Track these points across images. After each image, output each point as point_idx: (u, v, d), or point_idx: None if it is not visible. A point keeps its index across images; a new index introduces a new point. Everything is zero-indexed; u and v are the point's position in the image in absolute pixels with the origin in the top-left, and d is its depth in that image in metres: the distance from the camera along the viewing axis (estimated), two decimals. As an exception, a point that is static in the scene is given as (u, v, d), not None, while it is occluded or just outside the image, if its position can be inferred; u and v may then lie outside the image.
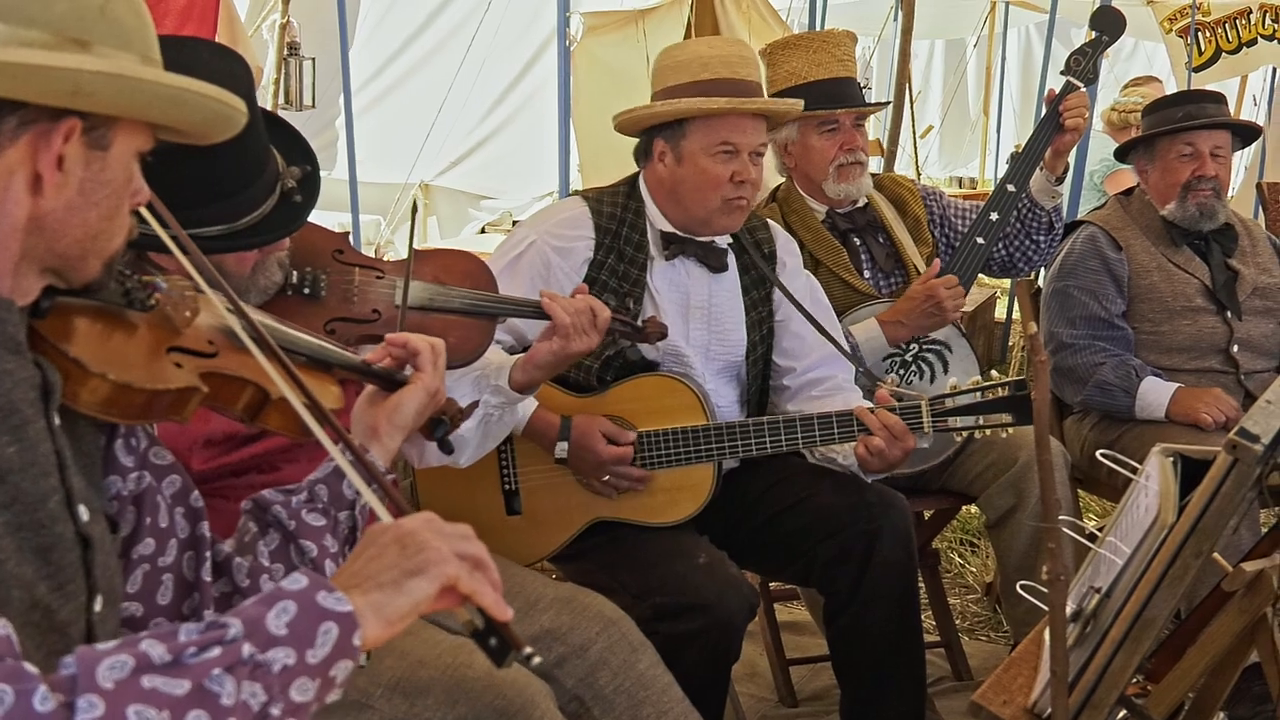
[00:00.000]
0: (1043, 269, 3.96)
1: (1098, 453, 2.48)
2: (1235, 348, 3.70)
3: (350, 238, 2.75)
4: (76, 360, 1.37)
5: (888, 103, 5.80)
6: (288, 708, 1.21)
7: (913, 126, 11.26)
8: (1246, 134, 4.07)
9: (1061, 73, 3.61)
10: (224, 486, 2.21)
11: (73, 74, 1.27)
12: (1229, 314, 3.70)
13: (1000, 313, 7.49)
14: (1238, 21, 8.85)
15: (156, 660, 1.16)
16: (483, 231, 10.21)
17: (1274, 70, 10.10)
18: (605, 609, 2.44)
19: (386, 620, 1.29)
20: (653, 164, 2.96)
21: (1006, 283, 6.67)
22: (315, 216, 2.24)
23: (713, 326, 2.99)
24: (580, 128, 7.58)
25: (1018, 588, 2.42)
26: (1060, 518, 1.87)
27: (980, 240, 3.50)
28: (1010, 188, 3.53)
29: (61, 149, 1.31)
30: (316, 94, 7.22)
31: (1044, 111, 3.58)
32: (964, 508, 3.85)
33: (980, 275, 3.64)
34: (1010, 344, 7.29)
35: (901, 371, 3.43)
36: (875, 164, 5.22)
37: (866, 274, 3.49)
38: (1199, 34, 8.70)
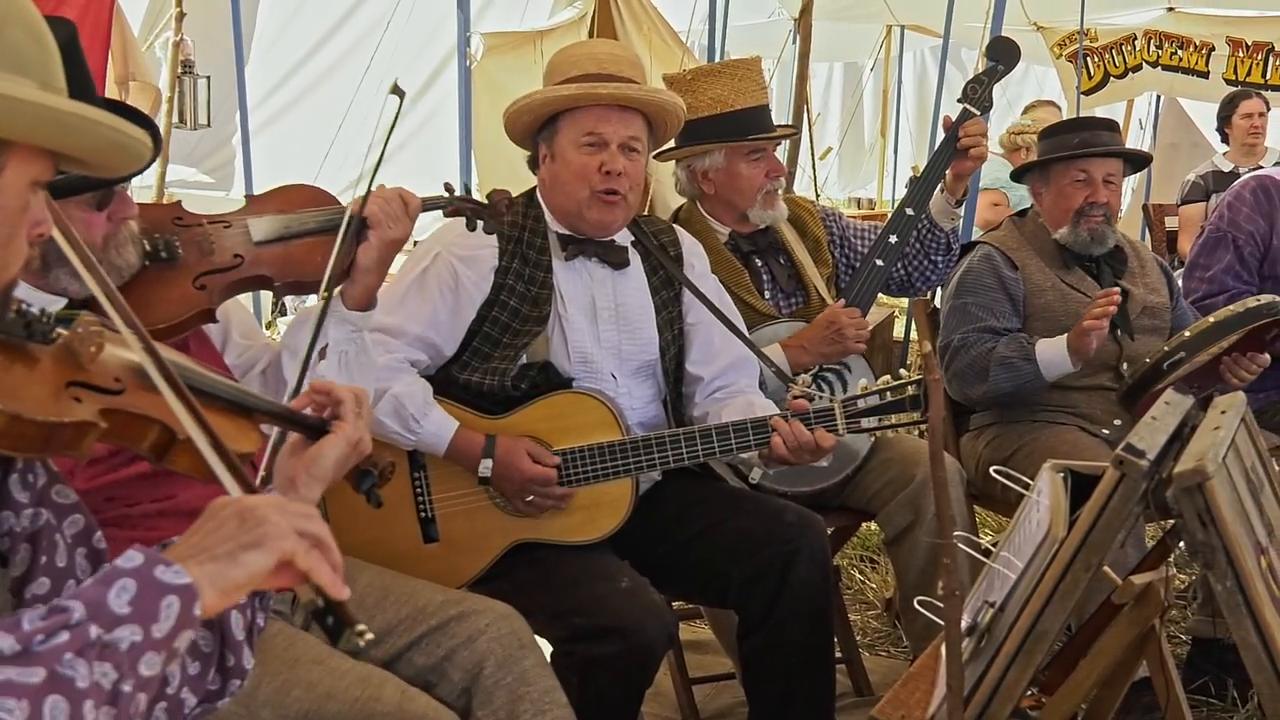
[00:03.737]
0: (939, 288, 4.02)
1: (991, 469, 2.52)
2: (1125, 365, 3.78)
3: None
4: None
5: (797, 129, 5.86)
6: (137, 683, 1.23)
7: (811, 148, 11.38)
8: (1137, 161, 4.18)
9: (959, 100, 3.67)
10: (118, 517, 2.15)
11: None
12: (1120, 332, 3.78)
13: (899, 332, 7.59)
14: (1124, 47, 9.11)
15: (6, 652, 1.15)
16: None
17: (1158, 96, 10.40)
18: (498, 606, 2.39)
19: (222, 590, 1.30)
20: (540, 169, 3.00)
21: (904, 302, 6.76)
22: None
23: (622, 326, 2.98)
24: (479, 148, 7.56)
25: (915, 603, 2.45)
26: (956, 534, 1.89)
27: (880, 262, 3.56)
28: (909, 211, 3.59)
29: None
30: (212, 112, 7.12)
31: (941, 135, 3.65)
32: (863, 524, 3.89)
33: (879, 294, 3.69)
34: (909, 362, 7.39)
35: (803, 390, 3.45)
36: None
37: (767, 294, 3.52)
38: (1088, 59, 8.94)
